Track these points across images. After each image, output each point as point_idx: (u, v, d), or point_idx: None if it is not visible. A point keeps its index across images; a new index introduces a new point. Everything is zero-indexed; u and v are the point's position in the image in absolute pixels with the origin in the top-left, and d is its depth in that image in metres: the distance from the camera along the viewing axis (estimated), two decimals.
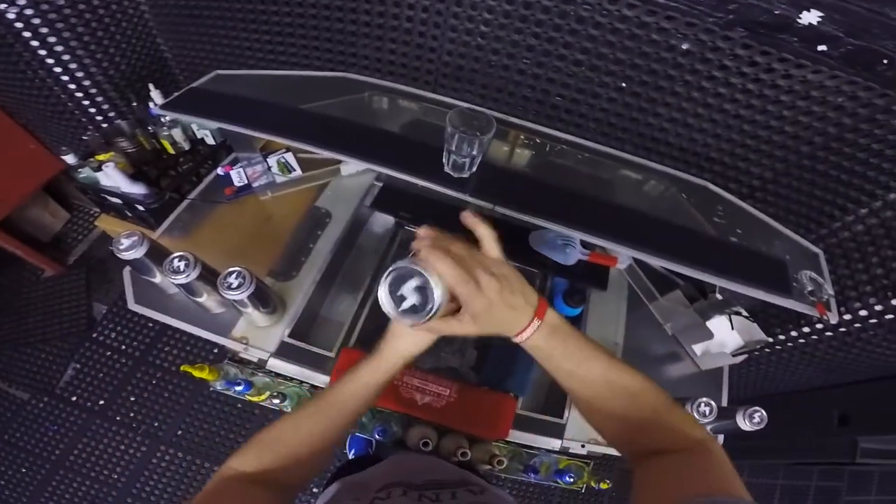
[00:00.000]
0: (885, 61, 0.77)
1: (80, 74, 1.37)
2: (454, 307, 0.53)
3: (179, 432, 1.90)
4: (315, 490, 1.79)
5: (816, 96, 0.88)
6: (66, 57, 1.31)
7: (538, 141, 1.14)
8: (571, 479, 1.00)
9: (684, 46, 0.90)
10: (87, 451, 1.85)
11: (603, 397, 0.54)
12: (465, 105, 1.11)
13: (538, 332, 0.53)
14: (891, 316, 1.03)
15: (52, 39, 1.26)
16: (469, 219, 0.56)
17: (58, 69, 1.33)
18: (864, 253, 1.05)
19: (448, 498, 0.56)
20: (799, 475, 1.51)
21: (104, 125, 1.50)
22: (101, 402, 1.91)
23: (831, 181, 1.02)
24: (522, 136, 1.14)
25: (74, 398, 1.92)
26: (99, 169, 1.32)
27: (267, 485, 0.54)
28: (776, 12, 0.77)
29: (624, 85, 1.01)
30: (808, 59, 0.83)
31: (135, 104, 1.42)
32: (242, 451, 0.56)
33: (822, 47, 0.80)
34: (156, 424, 1.90)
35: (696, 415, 0.89)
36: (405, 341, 0.61)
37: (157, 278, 0.98)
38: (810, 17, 0.76)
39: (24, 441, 1.84)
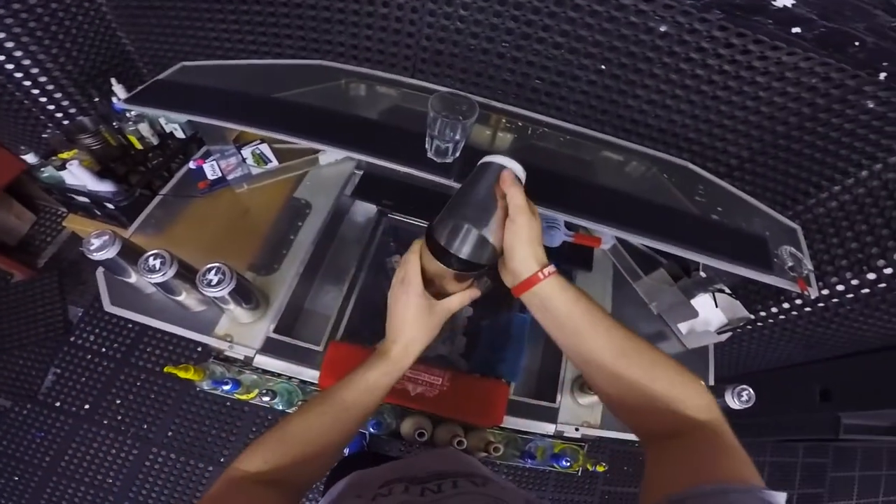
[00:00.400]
0: (857, 43, 0.80)
1: (34, 70, 1.31)
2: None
3: (170, 433, 1.88)
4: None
5: (791, 77, 0.91)
6: (17, 53, 1.26)
7: (520, 124, 1.15)
8: (568, 463, 1.01)
9: (662, 28, 0.91)
10: (77, 456, 1.82)
11: (616, 365, 0.53)
12: (447, 90, 1.09)
13: (556, 277, 0.56)
14: (867, 290, 1.08)
15: (0, 35, 1.20)
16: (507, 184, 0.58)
17: (9, 65, 1.28)
18: (838, 228, 1.09)
19: (449, 487, 0.56)
20: (786, 452, 1.58)
21: (65, 122, 1.46)
22: (87, 407, 1.88)
23: (806, 159, 1.06)
24: (504, 120, 1.14)
25: (58, 403, 1.88)
26: (63, 167, 1.27)
27: (274, 485, 0.53)
28: None
29: (603, 67, 1.02)
30: (783, 41, 0.85)
31: (97, 100, 1.38)
32: (249, 452, 0.55)
33: (796, 29, 0.82)
34: (145, 426, 1.87)
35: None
36: (419, 334, 0.63)
37: (133, 278, 0.95)
38: None
39: (12, 449, 1.81)
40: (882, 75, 0.84)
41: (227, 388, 0.99)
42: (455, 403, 0.97)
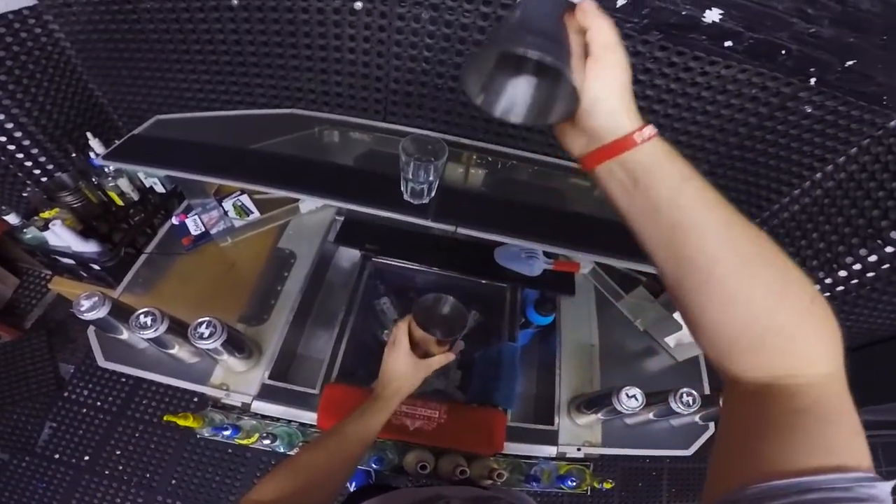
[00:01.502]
0: (783, 52, 0.87)
1: (8, 126, 1.32)
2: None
3: (174, 481, 1.88)
4: None
5: (732, 90, 0.98)
6: None
7: (490, 159, 1.22)
8: (574, 483, 1.04)
9: None
10: None
11: (734, 277, 0.37)
12: (417, 132, 1.14)
13: (661, 141, 0.41)
14: (841, 288, 1.13)
15: None
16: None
17: None
18: (804, 230, 1.16)
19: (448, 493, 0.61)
20: None
21: (43, 179, 1.47)
22: (87, 458, 1.89)
23: (762, 167, 1.12)
24: (475, 157, 1.21)
25: (57, 455, 1.89)
26: (45, 228, 1.29)
27: None
28: (683, 13, 0.86)
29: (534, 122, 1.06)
30: (718, 55, 0.92)
31: (74, 155, 1.38)
32: (262, 483, 0.61)
33: (728, 43, 0.89)
34: (147, 476, 1.88)
35: (679, 406, 0.92)
36: (404, 384, 0.80)
37: (125, 334, 0.99)
38: (713, 14, 0.85)
39: (14, 500, 1.82)
40: (812, 80, 0.91)
41: (227, 433, 1.02)
42: (454, 434, 1.01)
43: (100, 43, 1.25)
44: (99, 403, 1.98)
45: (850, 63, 0.86)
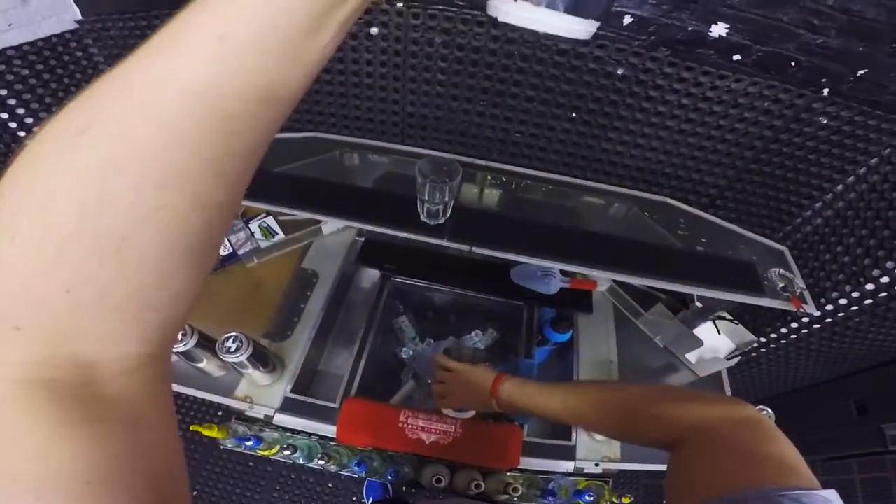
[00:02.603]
0: (793, 63, 0.88)
1: None
2: None
3: (195, 492, 1.95)
4: None
5: (744, 103, 0.98)
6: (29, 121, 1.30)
7: (504, 179, 1.25)
8: (591, 499, 1.04)
9: (619, 72, 1.00)
10: None
11: (595, 418, 0.68)
12: (432, 153, 1.18)
13: (501, 393, 0.85)
14: (869, 301, 1.10)
15: (20, 111, 1.25)
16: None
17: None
18: (828, 244, 1.14)
19: None
20: (839, 470, 1.55)
21: None
22: None
23: (781, 181, 1.12)
24: (490, 177, 1.24)
25: None
26: None
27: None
28: (689, 28, 0.88)
29: (574, 115, 1.12)
30: (728, 69, 0.93)
31: None
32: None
33: (736, 56, 0.90)
34: None
35: None
36: None
37: None
38: (719, 29, 0.86)
39: None
40: (825, 91, 0.91)
41: (249, 444, 1.07)
42: (470, 449, 1.03)
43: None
44: None
45: (862, 73, 0.86)
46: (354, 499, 1.99)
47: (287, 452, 1.07)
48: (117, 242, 0.21)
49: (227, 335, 0.96)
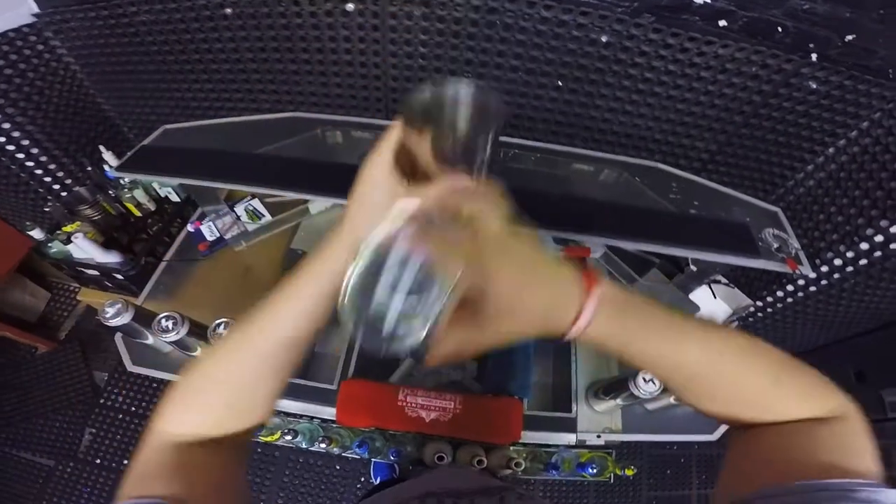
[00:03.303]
0: (780, 29, 0.87)
1: (25, 142, 1.39)
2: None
3: None
4: None
5: (731, 69, 0.98)
6: (6, 126, 1.33)
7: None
8: (595, 471, 1.06)
9: (603, 38, 0.99)
10: None
11: (705, 377, 0.41)
12: None
13: (596, 325, 0.37)
14: (864, 261, 1.12)
15: None
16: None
17: (1, 139, 1.36)
18: (821, 204, 1.15)
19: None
20: None
21: (63, 194, 1.55)
22: (126, 462, 2.02)
23: (772, 144, 1.12)
24: None
25: (98, 461, 2.01)
26: (69, 241, 1.34)
27: (214, 444, 0.44)
28: None
29: (560, 83, 1.11)
30: (714, 35, 0.92)
31: (89, 168, 1.46)
32: (171, 407, 0.45)
33: (722, 22, 0.89)
34: None
35: None
36: (358, 217, 0.43)
37: (150, 339, 1.06)
38: None
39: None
40: (813, 56, 0.90)
41: None
42: (470, 425, 1.03)
43: (102, 57, 1.31)
44: (133, 409, 2.10)
45: (850, 38, 0.85)
46: (363, 479, 2.01)
47: (289, 437, 1.08)
48: (237, 410, 0.46)
49: (218, 321, 0.97)
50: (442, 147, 0.39)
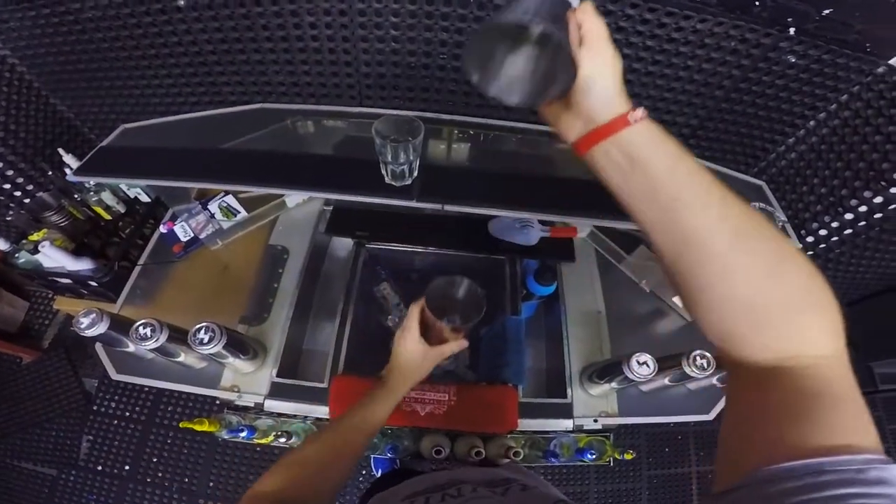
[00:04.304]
0: (757, 3, 0.87)
1: None
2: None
3: (211, 484, 2.00)
4: None
5: (710, 44, 0.98)
6: None
7: (472, 132, 1.23)
8: (594, 456, 1.05)
9: None
10: None
11: (729, 252, 0.38)
12: (394, 113, 1.09)
13: (650, 123, 0.42)
14: (849, 231, 1.14)
15: None
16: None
17: None
18: (804, 177, 1.16)
19: (469, 491, 0.58)
20: None
21: (26, 201, 1.49)
22: (127, 468, 2.01)
23: (753, 118, 1.12)
24: (457, 131, 1.24)
25: (100, 467, 2.01)
26: (36, 251, 1.27)
27: (292, 502, 0.58)
28: None
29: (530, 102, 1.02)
30: (691, 10, 0.92)
31: (50, 173, 1.41)
32: (268, 474, 0.61)
33: None
34: (186, 480, 2.00)
35: (693, 370, 0.90)
36: (413, 373, 0.77)
37: (131, 347, 1.03)
38: None
39: None
40: (791, 30, 0.91)
41: (243, 434, 1.05)
42: (466, 416, 1.02)
43: (49, 57, 1.25)
44: (128, 413, 2.10)
45: (827, 11, 0.85)
46: (364, 472, 2.03)
47: (283, 440, 1.05)
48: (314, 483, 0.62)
49: (198, 326, 0.95)
50: (454, 324, 0.77)
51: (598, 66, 0.42)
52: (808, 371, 0.36)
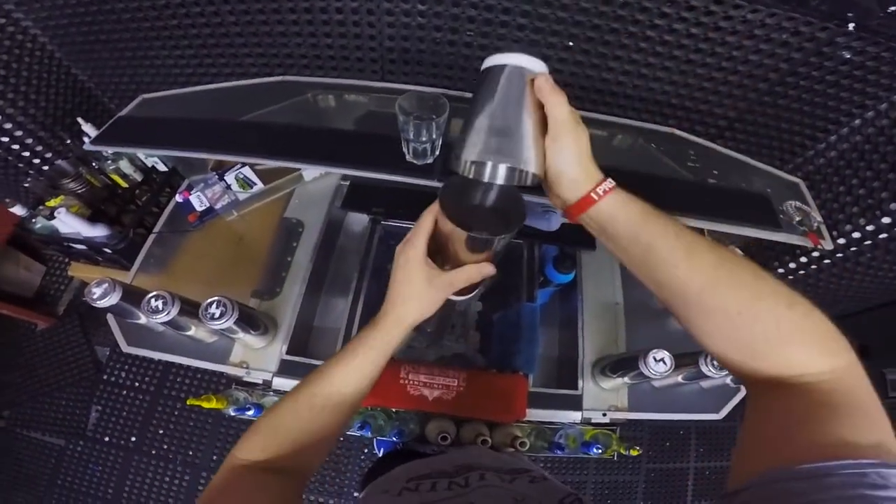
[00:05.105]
0: None
1: None
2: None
3: (215, 457, 2.02)
4: (356, 495, 1.93)
5: (760, 35, 0.93)
6: None
7: None
8: (599, 450, 1.04)
9: None
10: (136, 487, 2.00)
11: (704, 297, 0.43)
12: (417, 89, 1.05)
13: (615, 194, 0.49)
14: (884, 235, 1.10)
15: None
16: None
17: None
18: (843, 176, 1.12)
19: (476, 479, 0.56)
20: None
21: (44, 168, 1.51)
22: (133, 439, 2.04)
23: (795, 113, 1.07)
24: None
25: (107, 438, 2.04)
26: (52, 217, 1.28)
27: (276, 471, 0.53)
28: None
29: (570, 43, 1.05)
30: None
31: (69, 141, 1.43)
32: (245, 440, 0.55)
33: None
34: (190, 453, 2.03)
35: (710, 369, 0.87)
36: (412, 306, 0.57)
37: (142, 319, 1.00)
38: None
39: (77, 484, 2.00)
40: (850, 26, 0.86)
41: (250, 413, 1.04)
42: (474, 402, 1.00)
43: (72, 27, 1.24)
44: (137, 384, 2.12)
45: (893, 9, 0.80)
46: (366, 450, 2.04)
47: None
48: (298, 447, 0.54)
49: (210, 300, 0.93)
50: (474, 239, 0.53)
51: (565, 157, 0.48)
52: (812, 385, 0.39)
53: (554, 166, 0.49)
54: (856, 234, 1.13)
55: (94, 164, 1.40)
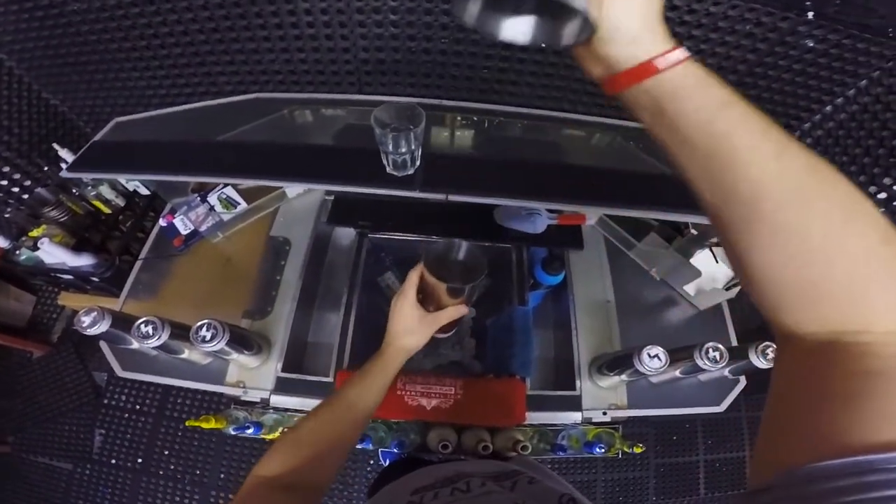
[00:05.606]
0: None
1: None
2: None
3: (222, 475, 2.03)
4: None
5: (725, 27, 0.95)
6: None
7: (475, 119, 1.20)
8: (603, 449, 1.04)
9: None
10: None
11: (783, 212, 0.32)
12: (395, 99, 1.04)
13: (692, 63, 0.36)
14: None
15: None
16: None
17: None
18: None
19: (478, 486, 0.55)
20: None
21: (24, 197, 1.48)
22: (140, 461, 2.05)
23: (767, 103, 1.09)
24: (460, 118, 1.21)
25: (113, 461, 2.05)
26: (36, 247, 1.27)
27: (293, 487, 0.59)
28: None
29: (543, 45, 0.95)
30: None
31: (46, 168, 1.40)
32: (267, 458, 0.62)
33: None
34: (198, 472, 2.04)
35: (705, 362, 0.86)
36: (408, 339, 0.75)
37: (135, 344, 0.97)
38: None
39: None
40: (809, 14, 0.88)
41: (250, 431, 1.04)
42: (473, 409, 1.00)
43: (38, 51, 1.23)
44: (138, 407, 2.12)
45: None
46: (372, 462, 2.05)
47: None
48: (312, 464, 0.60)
49: (200, 323, 0.92)
50: (451, 288, 0.72)
51: (625, 8, 0.34)
52: (871, 349, 0.30)
53: (612, 18, 0.34)
54: None
55: (74, 190, 1.40)
